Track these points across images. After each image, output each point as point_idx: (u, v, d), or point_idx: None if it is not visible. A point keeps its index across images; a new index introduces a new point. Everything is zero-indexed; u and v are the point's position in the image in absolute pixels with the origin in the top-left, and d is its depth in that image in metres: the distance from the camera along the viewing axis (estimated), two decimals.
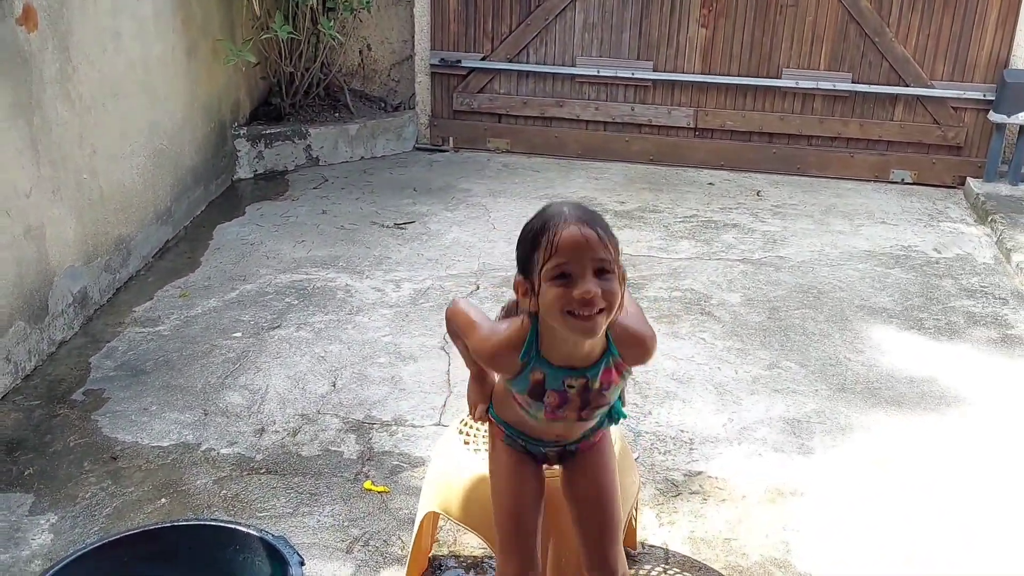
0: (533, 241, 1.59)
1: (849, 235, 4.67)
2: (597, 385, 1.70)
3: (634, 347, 1.70)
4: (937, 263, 4.34)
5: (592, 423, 1.83)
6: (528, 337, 1.67)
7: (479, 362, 1.82)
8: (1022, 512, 2.61)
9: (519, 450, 1.87)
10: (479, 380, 1.91)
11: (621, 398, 1.86)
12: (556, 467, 1.92)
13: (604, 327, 1.60)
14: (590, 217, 1.59)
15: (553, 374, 1.68)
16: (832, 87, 5.43)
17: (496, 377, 1.87)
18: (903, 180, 5.52)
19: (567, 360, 1.67)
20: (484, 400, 1.90)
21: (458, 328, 1.81)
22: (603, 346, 1.68)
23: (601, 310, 1.55)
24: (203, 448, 2.79)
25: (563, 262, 1.55)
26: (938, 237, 4.68)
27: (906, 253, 4.46)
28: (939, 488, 2.70)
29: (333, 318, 3.64)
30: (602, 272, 1.56)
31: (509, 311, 1.78)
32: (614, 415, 1.84)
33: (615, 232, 1.62)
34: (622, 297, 1.59)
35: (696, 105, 5.63)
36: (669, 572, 2.34)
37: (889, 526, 2.53)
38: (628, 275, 1.66)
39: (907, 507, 2.61)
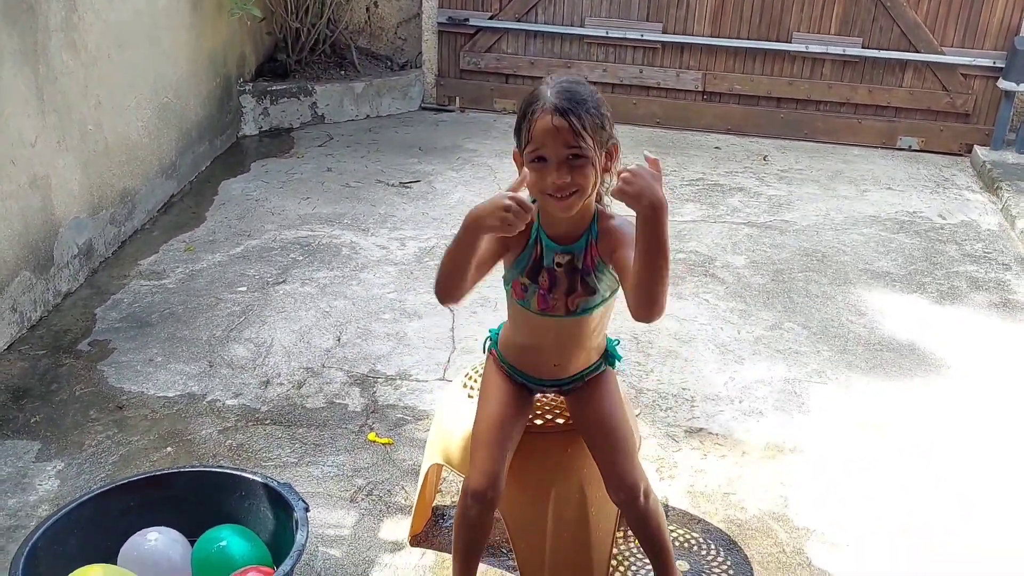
0: (519, 121, 1.71)
1: (854, 200, 4.66)
2: (581, 265, 1.79)
3: (611, 241, 1.77)
4: (942, 229, 4.34)
5: (582, 355, 1.91)
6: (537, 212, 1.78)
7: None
8: (1018, 475, 2.63)
9: (515, 382, 1.96)
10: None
11: (615, 351, 1.95)
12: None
13: (578, 207, 1.71)
14: (569, 104, 1.65)
15: (548, 248, 1.80)
16: (842, 52, 5.39)
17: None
18: (910, 147, 5.49)
19: (558, 235, 1.80)
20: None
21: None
22: (587, 227, 1.79)
23: (573, 192, 1.68)
24: (208, 399, 2.82)
25: (538, 147, 1.67)
26: (943, 203, 4.67)
27: (911, 219, 4.45)
28: (936, 451, 2.72)
29: (338, 274, 3.65)
30: (576, 157, 1.66)
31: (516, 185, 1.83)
32: (609, 357, 1.95)
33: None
34: (599, 173, 1.70)
35: (704, 68, 5.59)
36: (670, 526, 2.36)
37: (886, 487, 2.56)
38: (622, 152, 1.76)
39: (904, 469, 2.64)
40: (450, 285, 1.71)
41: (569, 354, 1.92)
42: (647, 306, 1.64)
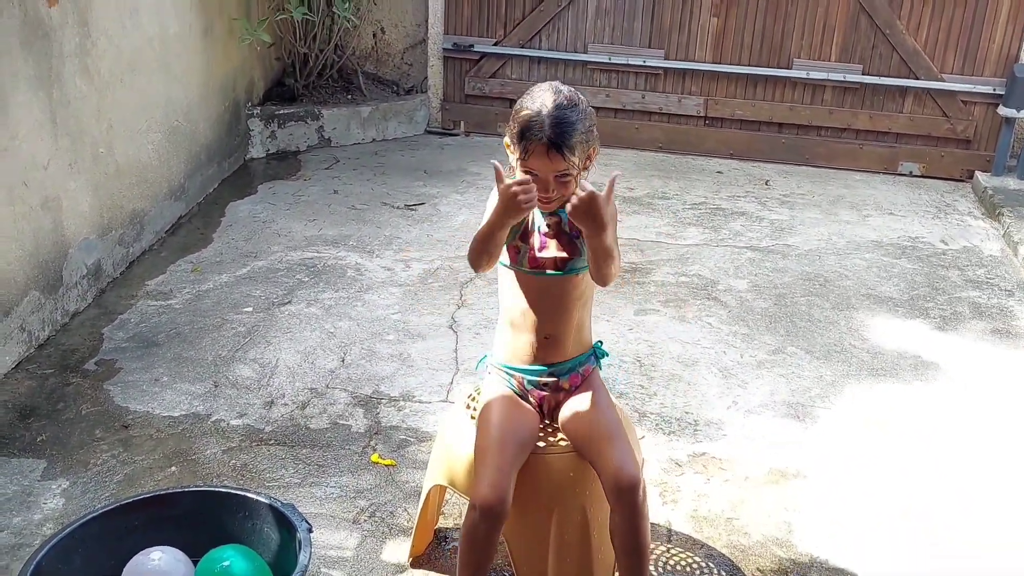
0: (514, 135, 1.92)
1: (856, 225, 4.69)
2: (568, 229, 2.01)
3: (582, 220, 1.92)
4: (944, 254, 4.36)
5: (571, 328, 2.06)
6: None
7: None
8: (1020, 497, 2.64)
9: (516, 394, 2.09)
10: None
11: (601, 350, 2.14)
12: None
13: (559, 206, 1.98)
14: (562, 137, 1.87)
15: (538, 214, 2.02)
16: (842, 78, 5.44)
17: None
18: (912, 172, 5.53)
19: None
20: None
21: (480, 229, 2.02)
22: (569, 197, 1.94)
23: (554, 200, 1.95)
24: (213, 419, 2.84)
25: (531, 168, 1.91)
26: (945, 229, 4.69)
27: (913, 244, 4.47)
28: (944, 476, 2.73)
29: (343, 295, 3.68)
30: (563, 175, 1.91)
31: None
32: (597, 353, 2.15)
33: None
34: (578, 178, 1.95)
35: (706, 94, 5.64)
36: (672, 551, 2.38)
37: (891, 513, 2.56)
38: (597, 152, 2.03)
39: (911, 495, 2.64)
40: (481, 263, 2.02)
41: (559, 319, 2.04)
42: (598, 279, 1.99)
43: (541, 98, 1.91)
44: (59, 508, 2.42)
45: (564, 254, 2.01)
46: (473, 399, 2.22)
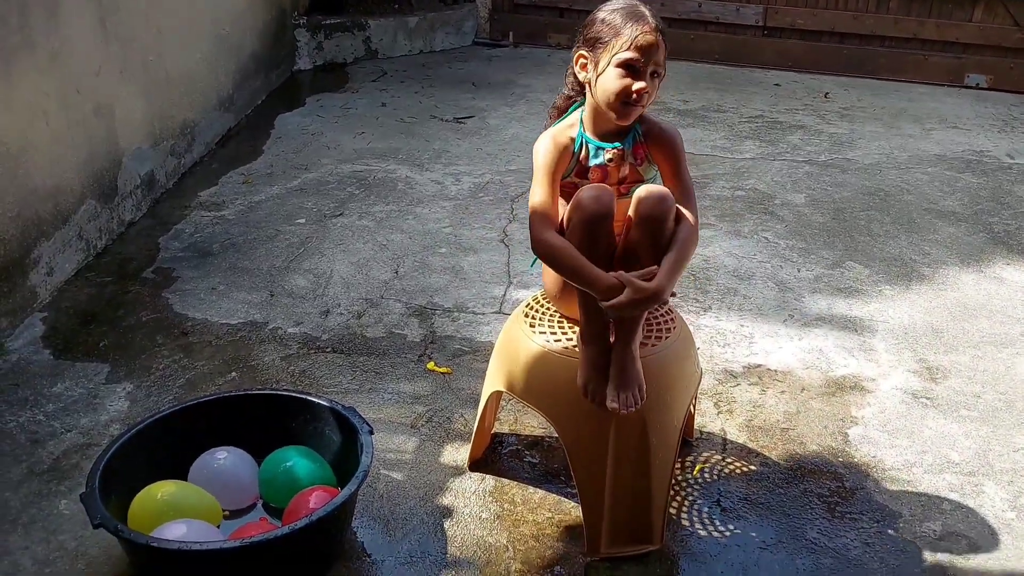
0: (615, 28, 1.87)
1: (919, 139, 4.54)
2: (633, 158, 1.97)
3: (660, 139, 1.97)
4: (1010, 169, 4.21)
5: None
6: (579, 120, 1.99)
7: (545, 161, 1.95)
8: None
9: None
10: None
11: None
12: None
13: (639, 114, 1.93)
14: (663, 27, 1.90)
15: (596, 149, 1.97)
16: None
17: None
18: (978, 84, 5.32)
19: (602, 135, 1.97)
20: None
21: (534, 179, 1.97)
22: (630, 126, 1.97)
23: (641, 103, 1.88)
24: (270, 327, 2.86)
25: (636, 58, 1.85)
26: (1012, 143, 4.52)
27: (978, 158, 4.32)
28: (1005, 392, 2.68)
29: (394, 208, 3.66)
30: (655, 74, 1.89)
31: (560, 109, 2.06)
32: None
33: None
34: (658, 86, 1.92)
35: (766, 2, 5.44)
36: (727, 459, 2.37)
37: (950, 426, 2.53)
38: (661, 98, 2.01)
39: (969, 409, 2.60)
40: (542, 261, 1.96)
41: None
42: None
43: (619, 1, 1.92)
44: (124, 410, 2.47)
45: (627, 183, 1.98)
46: (531, 307, 2.21)
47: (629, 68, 1.86)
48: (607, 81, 1.88)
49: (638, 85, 1.85)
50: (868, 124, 4.71)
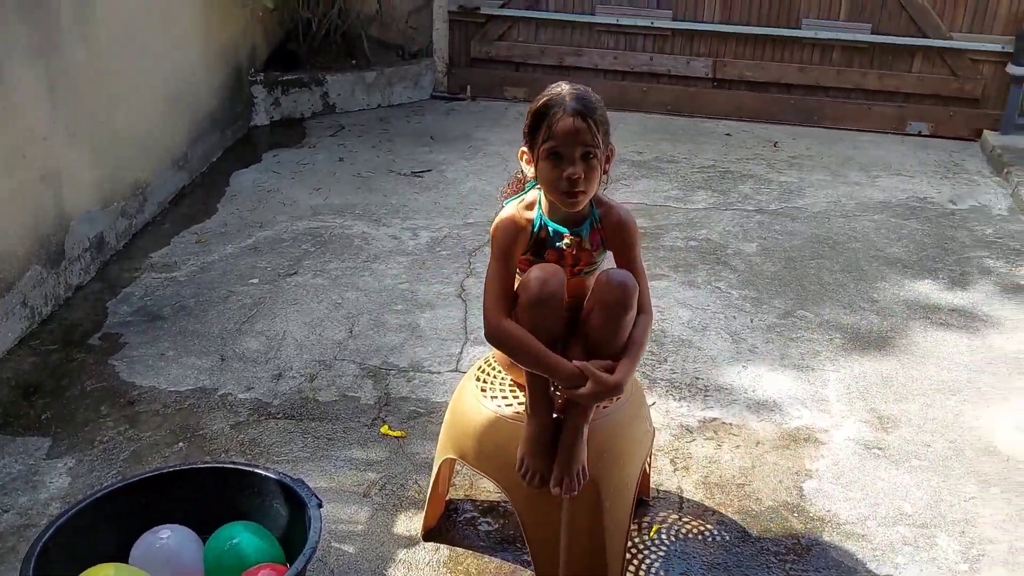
0: (536, 121, 1.91)
1: (865, 186, 4.63)
2: (590, 244, 2.00)
3: (618, 236, 2.01)
4: (953, 215, 4.31)
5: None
6: (538, 201, 2.01)
7: (502, 242, 1.97)
8: None
9: None
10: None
11: None
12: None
13: (584, 203, 1.94)
14: (585, 108, 1.88)
15: (556, 232, 1.98)
16: (851, 38, 5.35)
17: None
18: (920, 132, 5.45)
19: (562, 220, 1.99)
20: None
21: (488, 273, 1.99)
22: (588, 211, 2.00)
23: (581, 190, 1.89)
24: (220, 393, 2.82)
25: (557, 144, 1.87)
26: (954, 189, 4.63)
27: (922, 204, 4.42)
28: (955, 438, 2.71)
29: (350, 265, 3.64)
30: (587, 156, 1.88)
31: (513, 185, 2.13)
32: None
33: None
34: (601, 172, 1.93)
35: (715, 55, 5.56)
36: (684, 518, 2.36)
37: (902, 476, 2.54)
38: (616, 152, 2.02)
39: (922, 458, 2.62)
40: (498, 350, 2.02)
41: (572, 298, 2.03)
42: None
43: (555, 88, 1.94)
44: (65, 487, 2.40)
45: (580, 266, 2.02)
46: (482, 371, 2.20)
47: (556, 157, 1.88)
48: (542, 173, 1.92)
49: (568, 172, 1.86)
50: (816, 172, 4.80)
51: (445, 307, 3.35)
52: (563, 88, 1.92)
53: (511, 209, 2.02)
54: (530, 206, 2.01)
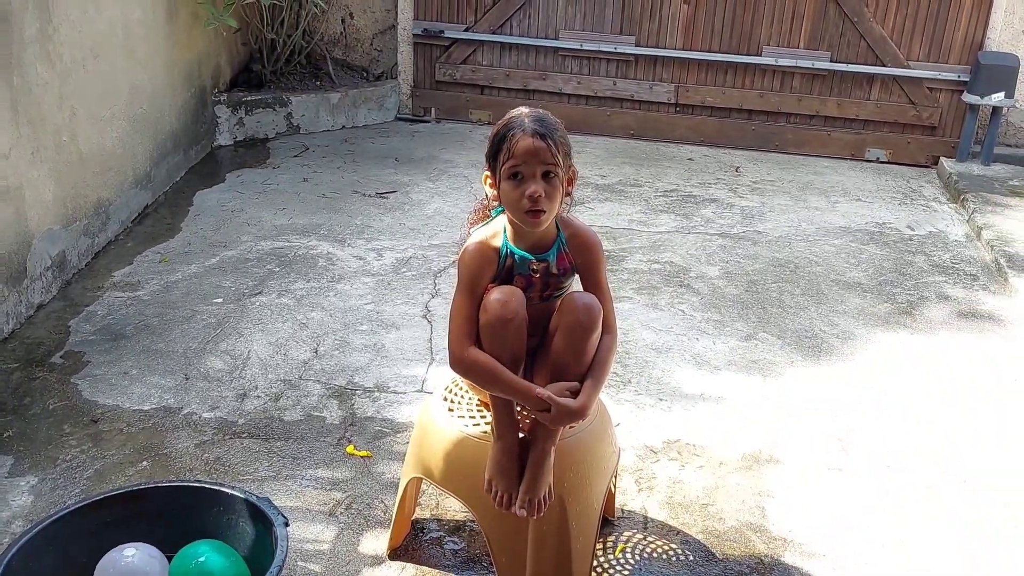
0: (497, 144, 1.95)
1: (825, 211, 4.72)
2: (557, 269, 2.02)
3: (584, 256, 2.04)
4: (910, 240, 4.41)
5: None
6: (503, 229, 2.02)
7: (469, 272, 1.98)
8: (1006, 486, 2.68)
9: None
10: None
11: None
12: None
13: (547, 223, 1.97)
14: (544, 128, 1.92)
15: (523, 259, 2.00)
16: (811, 65, 5.47)
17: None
18: (878, 159, 5.58)
19: (529, 247, 2.01)
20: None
21: (454, 302, 2.00)
22: (554, 236, 2.03)
23: (542, 210, 1.91)
24: (184, 412, 2.80)
25: (517, 164, 1.91)
26: (911, 215, 4.74)
27: (880, 230, 4.52)
28: (913, 461, 2.76)
29: (315, 285, 3.64)
30: (547, 175, 1.92)
31: (479, 212, 2.15)
32: None
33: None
34: (564, 193, 1.97)
35: (677, 81, 5.65)
36: (648, 539, 2.38)
37: (863, 496, 2.59)
38: (579, 174, 2.08)
39: (882, 478, 2.67)
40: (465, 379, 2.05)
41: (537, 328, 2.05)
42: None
43: (515, 112, 1.99)
44: (27, 505, 2.37)
45: (549, 292, 2.04)
46: (450, 391, 2.21)
47: (517, 176, 1.92)
48: (504, 194, 1.95)
49: (529, 190, 1.90)
50: (777, 197, 4.89)
51: (410, 328, 3.36)
52: (522, 111, 1.98)
53: (477, 238, 2.03)
54: (496, 235, 2.02)
